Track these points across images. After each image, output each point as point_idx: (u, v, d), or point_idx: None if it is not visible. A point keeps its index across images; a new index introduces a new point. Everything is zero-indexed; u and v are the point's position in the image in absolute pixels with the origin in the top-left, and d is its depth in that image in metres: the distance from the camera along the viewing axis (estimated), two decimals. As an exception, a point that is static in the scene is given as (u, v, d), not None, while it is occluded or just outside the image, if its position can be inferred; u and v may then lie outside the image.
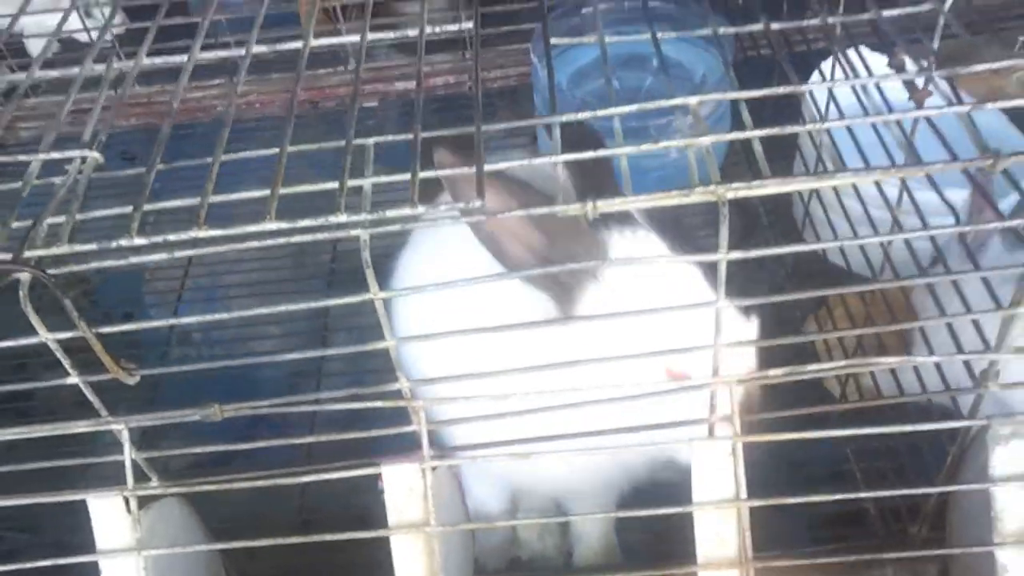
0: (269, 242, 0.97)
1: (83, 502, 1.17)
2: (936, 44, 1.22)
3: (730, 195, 0.95)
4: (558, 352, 1.11)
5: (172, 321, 1.07)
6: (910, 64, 1.14)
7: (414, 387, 1.11)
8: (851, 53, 1.36)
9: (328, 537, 1.14)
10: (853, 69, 1.27)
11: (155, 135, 1.08)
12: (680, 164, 2.13)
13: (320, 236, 0.98)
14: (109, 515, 1.15)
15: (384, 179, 1.02)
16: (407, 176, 0.98)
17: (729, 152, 2.37)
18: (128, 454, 1.16)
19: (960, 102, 1.06)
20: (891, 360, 1.11)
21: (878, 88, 1.28)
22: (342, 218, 0.95)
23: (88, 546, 1.18)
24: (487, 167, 0.98)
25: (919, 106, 1.10)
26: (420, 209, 0.94)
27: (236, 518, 1.45)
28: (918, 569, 1.56)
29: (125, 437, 1.15)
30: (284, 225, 0.95)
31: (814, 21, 1.24)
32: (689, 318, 1.10)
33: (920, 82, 1.14)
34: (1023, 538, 1.13)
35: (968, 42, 1.16)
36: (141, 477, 1.21)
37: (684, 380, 1.16)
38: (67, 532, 1.25)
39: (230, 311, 2.44)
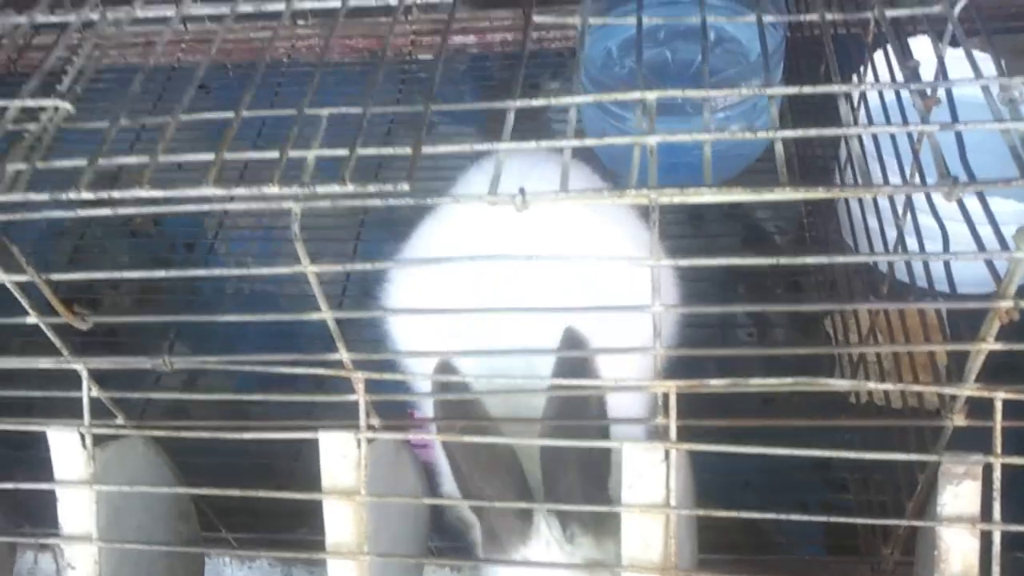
0: (205, 207, 0.99)
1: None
2: (944, 48, 1.15)
3: (663, 200, 0.92)
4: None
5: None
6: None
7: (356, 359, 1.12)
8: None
9: (263, 494, 1.17)
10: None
11: (225, 69, 1.10)
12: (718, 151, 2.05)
13: (253, 205, 0.99)
14: (66, 448, 1.21)
15: (327, 152, 1.02)
16: (361, 151, 0.98)
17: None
18: (86, 392, 1.21)
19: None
20: (841, 383, 1.06)
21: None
22: (274, 189, 0.96)
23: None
24: (427, 150, 0.98)
25: (927, 112, 1.03)
26: (350, 187, 0.94)
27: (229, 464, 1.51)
28: (887, 592, 1.51)
29: (85, 376, 1.20)
30: (219, 192, 0.97)
31: (867, 14, 1.18)
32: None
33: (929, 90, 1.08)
34: (965, 581, 1.08)
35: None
36: (107, 415, 1.27)
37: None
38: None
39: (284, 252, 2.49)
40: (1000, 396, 1.05)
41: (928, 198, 1.45)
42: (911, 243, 1.43)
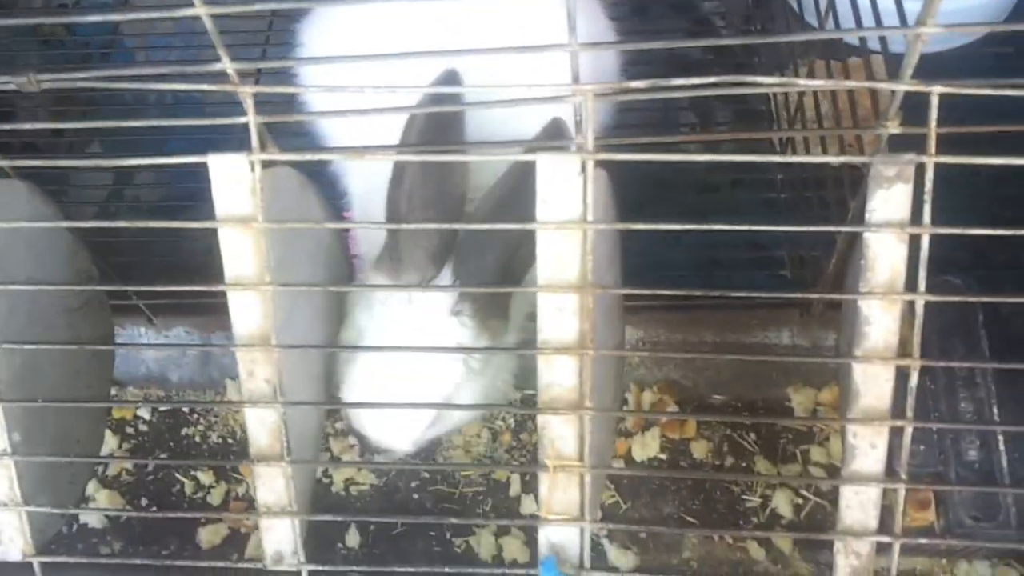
0: None
1: None
2: None
3: None
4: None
5: None
6: None
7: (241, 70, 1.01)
8: None
9: (154, 224, 1.09)
10: None
11: None
12: None
13: None
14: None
15: None
16: None
17: None
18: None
19: None
20: (768, 80, 0.98)
21: None
22: None
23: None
24: None
25: None
26: None
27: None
28: (816, 336, 1.50)
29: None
30: None
31: None
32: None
33: None
34: (892, 290, 1.04)
35: None
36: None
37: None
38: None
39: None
40: (937, 90, 0.98)
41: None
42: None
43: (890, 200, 1.02)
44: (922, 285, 1.03)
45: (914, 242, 1.03)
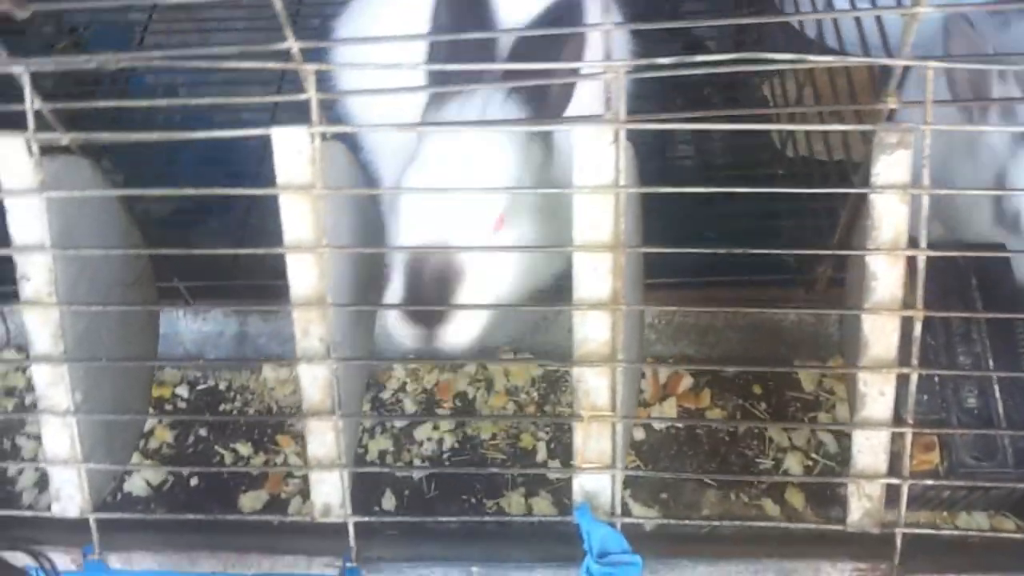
0: None
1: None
2: None
3: None
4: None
5: None
6: None
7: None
8: None
9: (218, 191, 1.18)
10: None
11: None
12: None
13: None
14: (12, 156, 1.19)
15: None
16: None
17: None
18: (30, 100, 1.18)
19: None
20: (782, 56, 1.09)
21: None
22: None
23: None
24: None
25: None
26: None
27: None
28: (821, 315, 1.60)
29: (26, 82, 1.17)
30: None
31: None
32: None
33: None
34: (896, 247, 1.14)
35: None
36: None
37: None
38: None
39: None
40: (931, 65, 1.09)
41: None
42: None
43: (893, 164, 1.13)
44: (923, 242, 1.13)
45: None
